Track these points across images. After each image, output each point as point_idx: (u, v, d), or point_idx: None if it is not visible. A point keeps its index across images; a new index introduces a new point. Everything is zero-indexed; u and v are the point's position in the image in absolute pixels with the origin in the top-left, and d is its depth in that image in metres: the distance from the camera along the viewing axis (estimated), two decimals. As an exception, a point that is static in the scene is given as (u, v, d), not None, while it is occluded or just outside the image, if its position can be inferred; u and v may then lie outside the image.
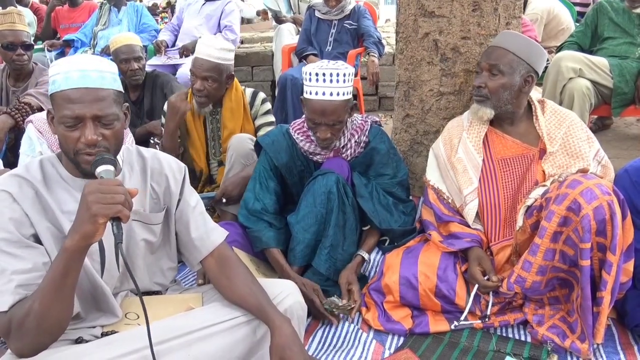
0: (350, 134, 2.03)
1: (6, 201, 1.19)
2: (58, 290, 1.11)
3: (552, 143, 1.81)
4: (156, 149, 2.76)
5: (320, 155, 2.05)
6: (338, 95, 1.86)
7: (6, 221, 1.17)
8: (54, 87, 1.23)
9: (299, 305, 1.42)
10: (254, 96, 2.54)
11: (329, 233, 1.91)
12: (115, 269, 1.37)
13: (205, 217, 1.50)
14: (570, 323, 1.64)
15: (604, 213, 1.45)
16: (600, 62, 2.71)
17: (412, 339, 1.74)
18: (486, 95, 1.85)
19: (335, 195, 1.91)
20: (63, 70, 1.22)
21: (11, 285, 1.12)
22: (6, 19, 2.88)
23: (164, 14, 7.05)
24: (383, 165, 2.05)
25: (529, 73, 1.83)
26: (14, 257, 1.15)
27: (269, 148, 2.06)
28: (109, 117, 1.23)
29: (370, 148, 2.05)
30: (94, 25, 4.58)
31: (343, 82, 1.87)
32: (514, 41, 1.85)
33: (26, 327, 1.11)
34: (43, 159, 1.31)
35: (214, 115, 2.51)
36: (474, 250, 1.80)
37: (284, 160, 2.04)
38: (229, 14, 4.41)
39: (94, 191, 1.07)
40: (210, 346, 1.26)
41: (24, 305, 1.12)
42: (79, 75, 1.21)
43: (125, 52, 3.00)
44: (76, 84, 1.20)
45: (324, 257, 1.89)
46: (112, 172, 1.17)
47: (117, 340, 1.21)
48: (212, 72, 2.33)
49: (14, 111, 2.68)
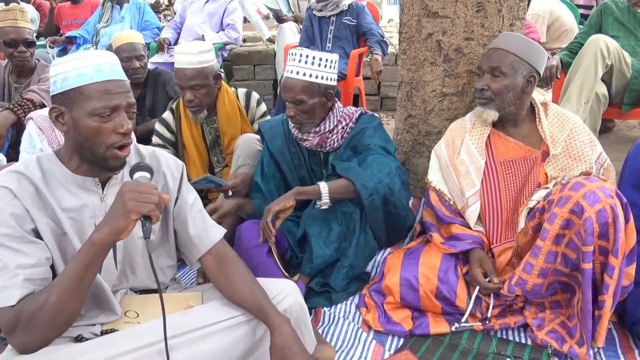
0: (338, 120, 2.08)
1: (7, 197, 1.20)
2: (78, 283, 1.14)
3: (555, 146, 1.81)
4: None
5: (307, 141, 2.10)
6: (298, 75, 1.96)
7: (7, 217, 1.17)
8: (80, 80, 1.22)
9: (299, 305, 1.42)
10: (247, 98, 2.48)
11: (349, 253, 1.91)
12: (113, 267, 1.37)
13: (204, 215, 1.51)
14: (569, 328, 1.63)
15: (607, 216, 1.45)
16: (627, 56, 2.77)
17: (412, 340, 1.73)
18: (490, 97, 1.84)
19: (358, 215, 1.92)
20: (92, 64, 1.23)
21: (18, 280, 1.13)
22: (8, 15, 2.88)
23: (167, 12, 7.05)
24: (370, 137, 2.04)
25: (530, 73, 1.83)
26: (18, 253, 1.16)
27: (266, 133, 2.16)
28: (134, 106, 1.29)
29: (359, 128, 2.08)
30: (96, 22, 4.58)
31: (306, 63, 1.95)
32: (514, 42, 1.84)
33: (37, 320, 1.12)
34: (40, 156, 1.31)
35: (211, 124, 2.45)
36: (475, 252, 1.80)
37: (278, 145, 2.13)
38: (232, 12, 4.41)
39: (131, 189, 1.14)
40: (209, 345, 1.26)
41: (36, 298, 1.13)
42: (109, 68, 1.25)
43: (127, 50, 2.99)
44: (108, 75, 1.24)
45: (341, 277, 1.91)
46: (148, 178, 1.23)
47: (118, 339, 1.21)
48: (197, 79, 2.24)
49: (17, 107, 2.68)
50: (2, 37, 2.86)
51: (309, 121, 2.02)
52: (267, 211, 1.87)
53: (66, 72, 1.23)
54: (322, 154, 2.15)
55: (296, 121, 2.02)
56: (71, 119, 1.24)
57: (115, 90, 1.24)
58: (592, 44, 2.71)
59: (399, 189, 1.95)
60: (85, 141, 1.25)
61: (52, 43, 4.62)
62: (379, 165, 1.93)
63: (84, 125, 1.23)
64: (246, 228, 1.98)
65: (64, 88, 1.23)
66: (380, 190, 1.88)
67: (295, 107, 1.98)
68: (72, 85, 1.22)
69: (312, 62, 1.95)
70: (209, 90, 2.31)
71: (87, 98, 1.22)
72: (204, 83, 2.27)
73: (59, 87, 1.24)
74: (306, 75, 1.95)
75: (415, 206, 2.41)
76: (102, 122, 1.23)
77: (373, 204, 1.89)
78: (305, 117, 2.00)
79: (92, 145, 1.25)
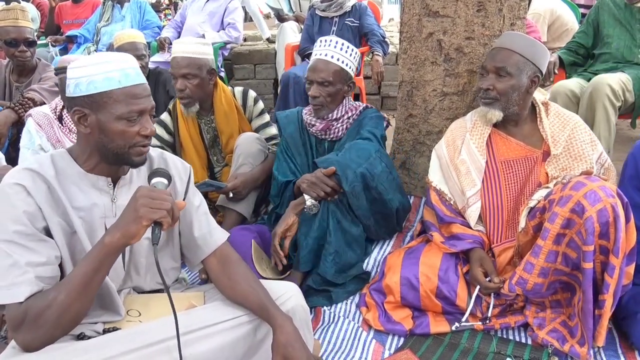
0: (345, 111, 2.18)
1: (21, 194, 1.20)
2: (87, 284, 1.15)
3: (556, 145, 1.81)
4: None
5: (314, 126, 2.19)
6: (332, 58, 2.08)
7: (20, 214, 1.18)
8: (108, 85, 1.23)
9: (301, 307, 1.42)
10: (244, 96, 2.47)
11: (332, 239, 1.91)
12: (121, 268, 1.38)
13: (209, 217, 1.52)
14: (570, 327, 1.63)
15: (608, 216, 1.45)
16: (627, 80, 2.71)
17: (413, 339, 1.73)
18: (495, 97, 1.83)
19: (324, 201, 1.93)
20: (119, 68, 1.25)
21: (27, 277, 1.14)
22: (9, 14, 2.88)
23: (167, 11, 7.05)
24: (365, 125, 2.13)
25: (535, 73, 1.83)
26: (28, 250, 1.17)
27: (281, 121, 2.27)
28: (154, 109, 1.32)
29: (360, 119, 2.18)
30: (97, 22, 4.59)
31: (341, 50, 2.09)
32: (519, 42, 1.84)
33: (44, 318, 1.13)
34: (54, 155, 1.32)
35: (209, 124, 2.45)
36: (475, 252, 1.80)
37: (290, 130, 2.24)
38: (232, 11, 4.41)
39: (144, 195, 1.15)
40: (211, 345, 1.26)
41: (45, 296, 1.14)
42: (135, 72, 1.28)
43: (128, 49, 2.99)
44: (135, 80, 1.27)
45: (329, 264, 1.90)
46: (165, 184, 1.25)
47: (121, 338, 1.21)
48: (190, 68, 2.26)
49: (18, 106, 2.69)
50: (3, 36, 2.86)
51: (330, 105, 2.12)
52: (273, 235, 1.93)
53: (92, 76, 1.23)
54: (327, 143, 2.21)
55: (319, 102, 2.10)
56: (96, 121, 1.26)
57: (141, 95, 1.28)
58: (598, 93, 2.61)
59: (380, 172, 1.95)
60: (110, 143, 1.27)
61: (53, 42, 4.62)
62: (357, 151, 1.96)
63: (111, 128, 1.25)
64: (235, 235, 1.97)
65: (90, 91, 1.23)
66: (359, 175, 1.89)
67: (322, 88, 2.07)
68: (100, 89, 1.23)
69: (345, 49, 2.09)
70: (201, 82, 2.30)
71: (115, 102, 1.24)
72: (196, 73, 2.27)
73: (84, 90, 1.24)
74: (339, 61, 2.08)
75: (415, 205, 2.41)
76: (129, 125, 1.26)
77: (354, 190, 1.90)
78: (328, 100, 2.11)
79: (116, 147, 1.27)
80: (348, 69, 2.10)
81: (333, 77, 2.07)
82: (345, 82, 2.12)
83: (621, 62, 2.86)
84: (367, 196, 1.94)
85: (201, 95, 2.34)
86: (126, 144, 1.28)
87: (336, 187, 1.90)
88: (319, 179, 1.89)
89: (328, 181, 1.89)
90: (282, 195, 2.13)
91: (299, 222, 1.96)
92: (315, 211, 1.91)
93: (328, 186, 1.88)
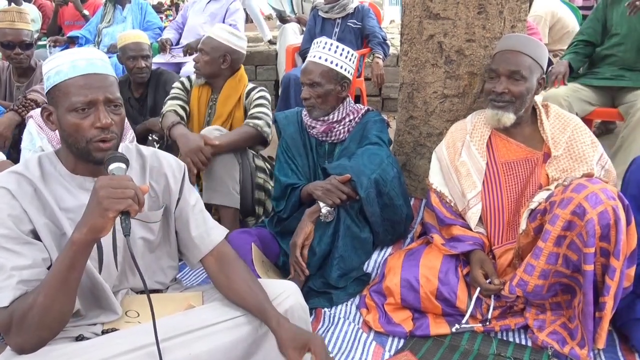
0: (347, 113, 2.16)
1: (5, 197, 1.20)
2: (63, 283, 1.12)
3: (557, 147, 1.81)
4: (154, 146, 2.78)
5: (315, 128, 2.16)
6: (321, 59, 2.06)
7: (5, 218, 1.17)
8: (58, 78, 1.23)
9: (300, 306, 1.42)
10: (253, 89, 2.58)
11: (339, 244, 1.91)
12: (113, 267, 1.37)
13: (205, 216, 1.51)
14: (570, 329, 1.63)
15: (609, 218, 1.45)
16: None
17: (413, 341, 1.73)
18: (510, 100, 1.81)
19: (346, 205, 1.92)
20: (68, 60, 1.23)
21: (12, 281, 1.13)
22: (6, 16, 2.88)
23: (169, 12, 7.06)
24: (370, 129, 2.12)
25: (541, 75, 1.83)
26: (14, 254, 1.16)
27: (281, 121, 2.27)
28: (118, 101, 1.27)
29: (363, 122, 2.16)
30: (98, 23, 4.59)
31: (330, 50, 2.07)
32: (528, 44, 1.83)
33: (28, 321, 1.11)
34: (41, 156, 1.31)
35: (214, 102, 2.60)
36: (476, 253, 1.80)
37: (290, 131, 2.23)
38: (234, 12, 4.41)
39: (105, 186, 1.08)
40: (210, 345, 1.25)
41: (26, 299, 1.12)
42: (86, 63, 1.23)
43: (133, 49, 3.00)
44: (85, 70, 1.23)
45: (334, 269, 1.90)
46: (123, 169, 1.18)
47: (119, 338, 1.21)
48: (204, 45, 2.49)
49: (21, 108, 2.69)
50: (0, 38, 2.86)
51: (322, 106, 2.10)
52: (292, 247, 1.89)
53: (48, 72, 1.24)
54: (327, 145, 2.19)
55: (309, 104, 2.10)
56: (57, 117, 1.25)
57: (93, 85, 1.22)
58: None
59: (392, 178, 1.98)
60: (69, 137, 1.25)
61: (53, 43, 4.63)
62: (370, 157, 1.96)
63: (65, 122, 1.23)
64: (235, 238, 1.97)
65: (48, 87, 1.24)
66: (373, 181, 1.90)
67: (311, 89, 2.07)
68: (52, 83, 1.23)
69: (334, 50, 2.07)
70: (211, 60, 2.49)
71: (65, 94, 1.22)
72: (209, 52, 2.48)
73: (45, 87, 1.25)
74: (327, 61, 2.06)
75: (415, 207, 2.41)
76: (80, 117, 1.22)
77: (369, 196, 1.90)
78: (319, 101, 2.09)
79: (75, 141, 1.24)
80: (338, 68, 2.06)
81: (321, 78, 2.05)
82: (337, 82, 2.07)
83: (629, 69, 2.78)
84: (379, 202, 1.95)
85: (208, 72, 2.52)
86: (83, 139, 1.22)
87: (351, 194, 1.89)
88: (335, 186, 1.88)
89: (344, 188, 1.88)
90: (287, 200, 2.11)
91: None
92: (331, 219, 1.90)
93: (344, 193, 1.88)
